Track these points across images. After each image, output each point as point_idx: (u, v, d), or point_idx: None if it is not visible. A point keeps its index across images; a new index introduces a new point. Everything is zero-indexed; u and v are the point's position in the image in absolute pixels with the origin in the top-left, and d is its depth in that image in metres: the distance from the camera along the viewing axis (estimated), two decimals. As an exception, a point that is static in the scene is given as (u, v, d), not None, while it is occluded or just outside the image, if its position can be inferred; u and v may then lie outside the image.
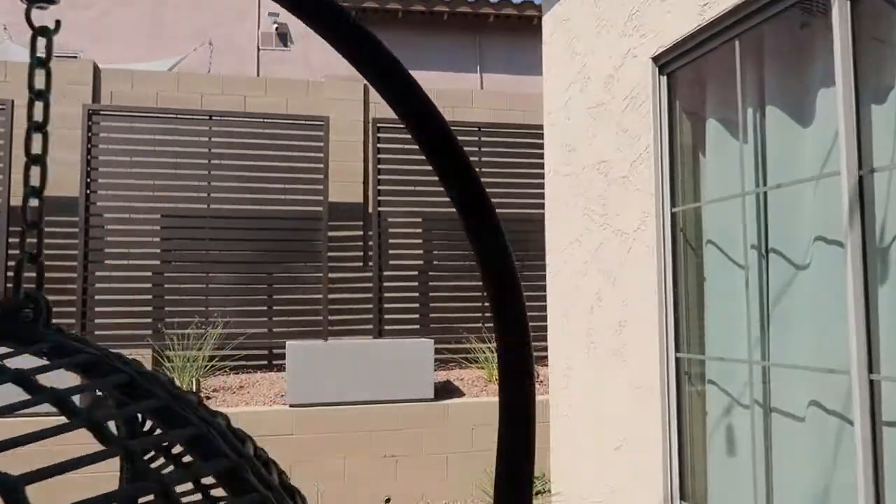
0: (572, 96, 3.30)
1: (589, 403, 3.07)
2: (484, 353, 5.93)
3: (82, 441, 0.48)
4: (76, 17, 8.36)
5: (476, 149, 6.56)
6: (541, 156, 6.62)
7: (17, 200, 5.97)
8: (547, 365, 5.32)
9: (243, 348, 6.11)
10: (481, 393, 5.59)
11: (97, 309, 5.82)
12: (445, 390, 5.60)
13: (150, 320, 5.88)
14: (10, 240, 5.82)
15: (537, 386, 5.78)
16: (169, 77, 6.54)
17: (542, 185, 6.53)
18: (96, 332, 5.77)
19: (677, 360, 2.58)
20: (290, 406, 5.05)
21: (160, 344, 5.67)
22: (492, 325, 5.00)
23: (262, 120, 6.18)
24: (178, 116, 6.08)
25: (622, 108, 2.86)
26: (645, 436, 2.63)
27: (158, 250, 5.97)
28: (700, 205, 2.53)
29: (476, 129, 6.58)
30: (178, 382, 4.89)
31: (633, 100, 2.79)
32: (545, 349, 5.44)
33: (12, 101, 5.76)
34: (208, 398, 5.21)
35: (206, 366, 5.38)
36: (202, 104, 6.51)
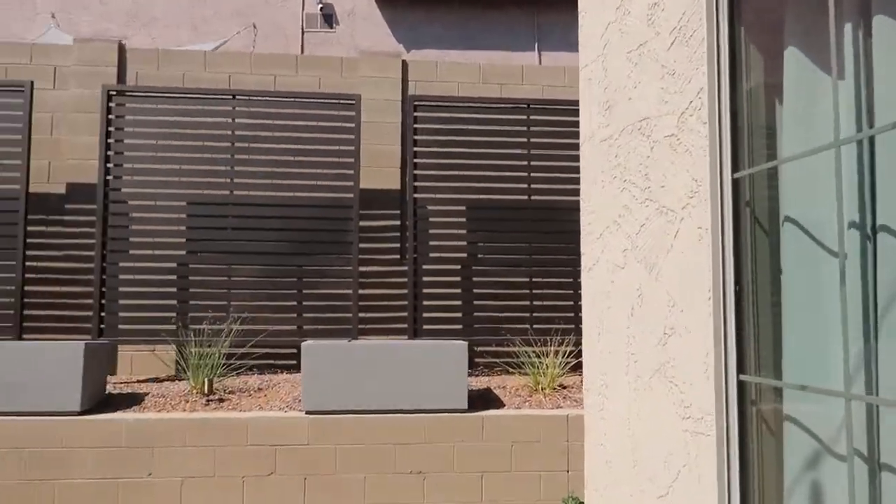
0: (610, 41, 2.58)
1: (628, 434, 2.36)
2: (530, 357, 5.25)
3: None
4: (120, 3, 8.20)
5: (524, 128, 5.86)
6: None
7: (36, 187, 5.73)
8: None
9: (266, 346, 5.65)
10: (524, 404, 4.91)
11: (121, 301, 5.50)
12: (483, 399, 4.95)
13: (173, 314, 5.50)
14: (29, 228, 5.58)
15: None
16: (195, 57, 6.16)
17: None
18: (119, 326, 5.45)
19: (741, 384, 1.85)
20: (307, 412, 4.53)
21: (181, 340, 5.28)
22: (540, 325, 4.33)
23: (288, 99, 5.70)
24: (201, 97, 5.68)
25: (668, 45, 2.14)
26: (697, 486, 1.92)
27: (183, 240, 5.59)
28: (775, 164, 1.79)
29: (524, 105, 5.87)
30: (191, 383, 4.45)
31: (682, 30, 2.06)
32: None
33: (31, 83, 5.50)
34: (221, 401, 4.76)
35: (223, 364, 4.94)
36: (230, 84, 6.10)
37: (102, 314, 5.41)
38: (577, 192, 5.83)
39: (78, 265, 5.81)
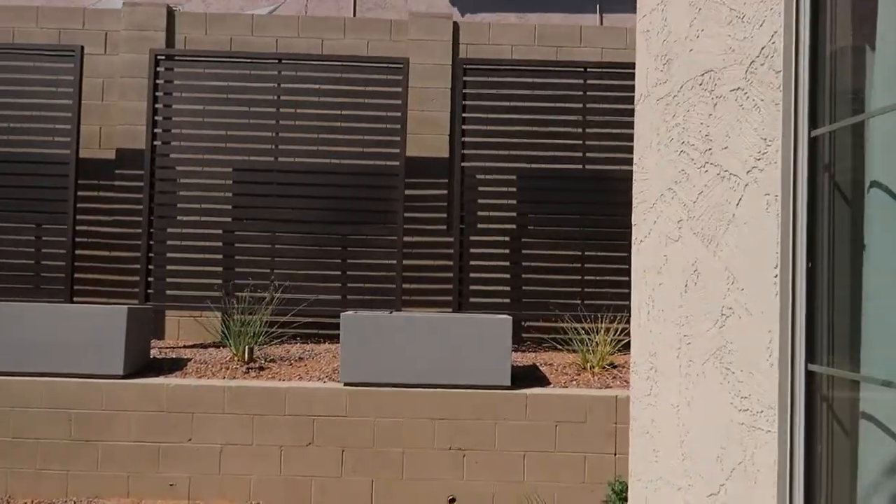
0: (672, -15, 2.30)
1: (677, 423, 2.14)
2: (579, 334, 5.01)
3: None
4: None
5: (580, 93, 5.54)
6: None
7: (87, 152, 5.76)
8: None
9: (309, 315, 5.58)
10: (571, 383, 4.69)
11: (168, 267, 5.51)
12: (528, 377, 4.76)
13: (218, 281, 5.49)
14: (80, 193, 5.63)
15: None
16: (244, 20, 6.06)
17: None
18: (166, 292, 5.47)
19: (810, 375, 1.61)
20: (345, 384, 4.43)
21: (224, 307, 5.26)
22: (591, 301, 4.09)
23: (334, 63, 5.53)
24: (247, 61, 5.57)
25: (738, -18, 1.86)
26: (753, 487, 1.69)
27: (229, 206, 5.54)
28: (862, 119, 1.51)
29: (581, 69, 5.55)
30: (232, 350, 4.41)
31: (756, -36, 1.78)
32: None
33: (81, 48, 5.51)
34: (261, 369, 4.72)
35: (265, 332, 4.89)
36: (278, 48, 5.98)
37: (149, 279, 5.44)
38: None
39: (127, 230, 5.85)
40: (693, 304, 2.09)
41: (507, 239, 5.58)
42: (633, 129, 5.50)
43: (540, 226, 5.57)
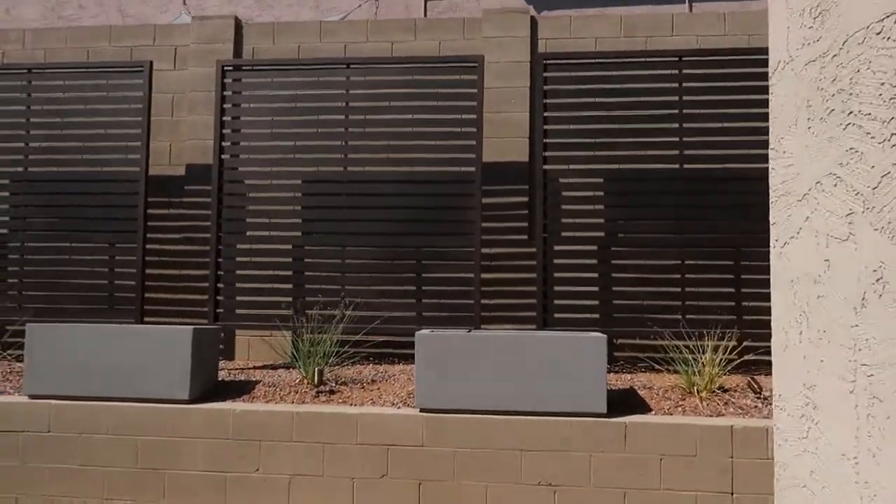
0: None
1: (854, 480, 1.61)
2: (681, 352, 4.44)
3: None
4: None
5: (675, 84, 5.00)
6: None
7: (157, 169, 5.64)
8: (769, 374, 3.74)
9: (382, 334, 5.23)
10: (675, 409, 4.13)
11: (238, 285, 5.29)
12: (625, 402, 4.23)
13: (288, 299, 5.22)
14: (149, 210, 5.50)
15: (758, 404, 4.16)
16: (311, 28, 5.83)
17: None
18: (237, 311, 5.24)
19: None
20: (421, 410, 4.03)
21: (293, 326, 4.97)
22: (694, 316, 3.56)
23: (404, 65, 5.21)
24: (314, 67, 5.32)
25: None
26: None
27: (299, 220, 5.28)
28: None
29: (675, 58, 5.01)
30: (302, 371, 4.10)
31: None
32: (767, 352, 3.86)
33: (150, 63, 5.39)
34: (332, 392, 4.38)
35: (335, 352, 4.56)
36: (346, 54, 5.71)
37: (218, 298, 5.23)
38: (740, 159, 4.91)
39: (197, 248, 5.69)
40: (877, 322, 1.57)
41: (595, 248, 5.07)
42: (735, 121, 4.93)
43: (632, 233, 5.03)
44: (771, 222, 2.06)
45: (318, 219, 5.24)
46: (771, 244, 2.04)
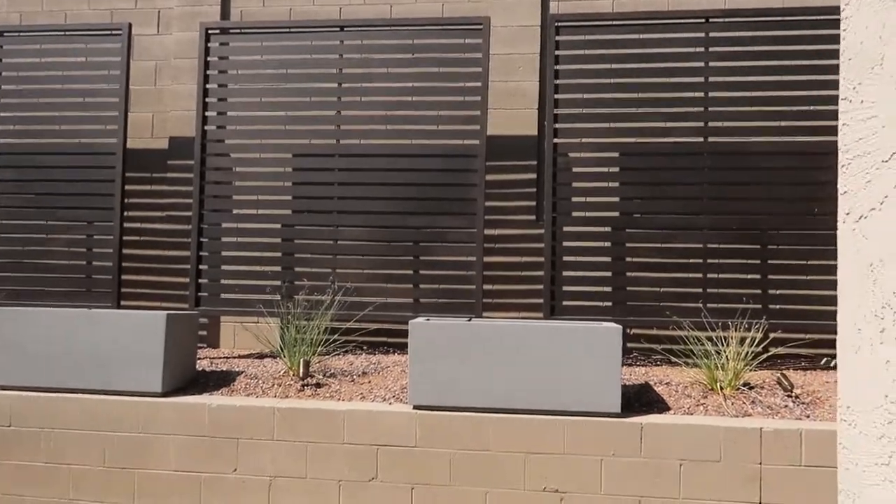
0: None
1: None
2: (702, 344, 4.02)
3: None
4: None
5: (701, 49, 4.53)
6: (825, 53, 4.39)
7: (138, 142, 5.25)
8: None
9: (375, 321, 4.84)
10: (696, 408, 3.72)
11: (223, 268, 4.91)
12: (640, 399, 3.82)
13: (275, 282, 4.83)
14: (128, 187, 5.12)
15: (789, 404, 3.74)
16: (304, -11, 5.39)
17: (830, 101, 4.34)
18: (222, 296, 4.86)
19: None
20: (414, 407, 3.64)
21: (279, 312, 4.58)
22: (717, 305, 3.12)
23: (401, 28, 4.77)
24: (305, 30, 4.89)
25: None
26: None
27: (290, 197, 4.88)
28: None
29: (701, 20, 4.54)
30: (288, 363, 3.72)
31: None
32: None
33: (129, 25, 4.98)
34: (319, 386, 4.00)
35: (323, 340, 4.17)
36: (341, 17, 5.28)
37: (200, 281, 4.85)
38: (772, 132, 4.45)
39: (180, 227, 5.30)
40: None
41: (608, 230, 4.65)
42: (768, 90, 4.46)
43: (649, 213, 4.60)
44: (840, 191, 1.63)
45: (310, 196, 4.83)
46: (840, 219, 1.61)
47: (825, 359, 4.65)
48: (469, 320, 3.95)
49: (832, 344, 4.82)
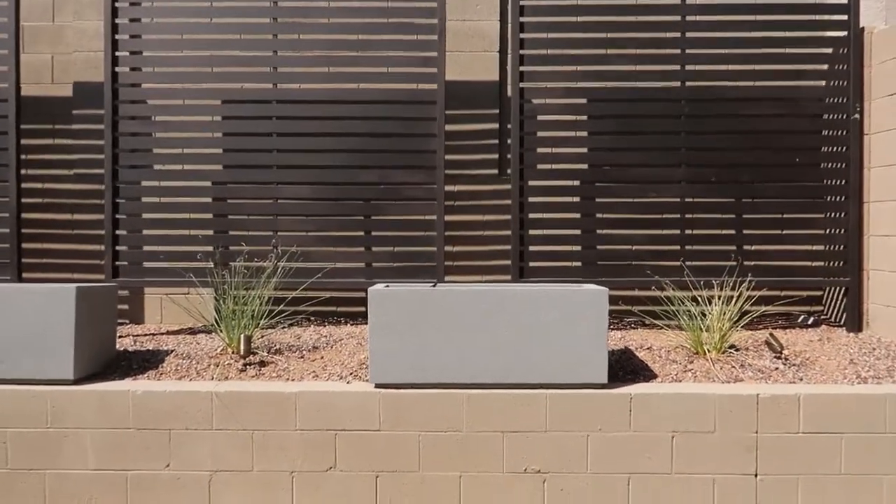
0: None
1: None
2: (684, 304, 3.72)
3: None
4: None
5: (675, -15, 4.15)
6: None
7: (36, 89, 4.51)
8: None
9: (325, 289, 4.34)
10: (684, 374, 3.43)
11: (145, 232, 4.28)
12: (623, 367, 3.49)
13: (209, 248, 4.25)
14: (26, 140, 4.39)
15: (779, 366, 3.49)
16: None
17: (821, 43, 4.01)
18: (144, 265, 4.24)
19: None
20: (377, 386, 3.20)
21: (212, 281, 4.01)
22: (697, 263, 2.69)
23: (347, -46, 4.18)
24: (233, -43, 4.24)
25: None
26: None
27: (220, 150, 4.28)
28: None
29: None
30: (226, 339, 3.17)
31: None
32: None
33: (17, -53, 4.19)
34: (263, 364, 3.49)
35: (266, 312, 3.65)
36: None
37: (118, 248, 4.21)
38: (756, 76, 4.13)
39: (92, 187, 4.61)
40: None
41: (578, 183, 4.27)
42: (755, 30, 4.11)
43: (623, 165, 4.24)
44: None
45: (244, 148, 4.24)
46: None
47: (802, 316, 4.45)
48: (434, 286, 3.51)
49: (809, 301, 4.63)
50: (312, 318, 4.36)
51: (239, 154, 4.24)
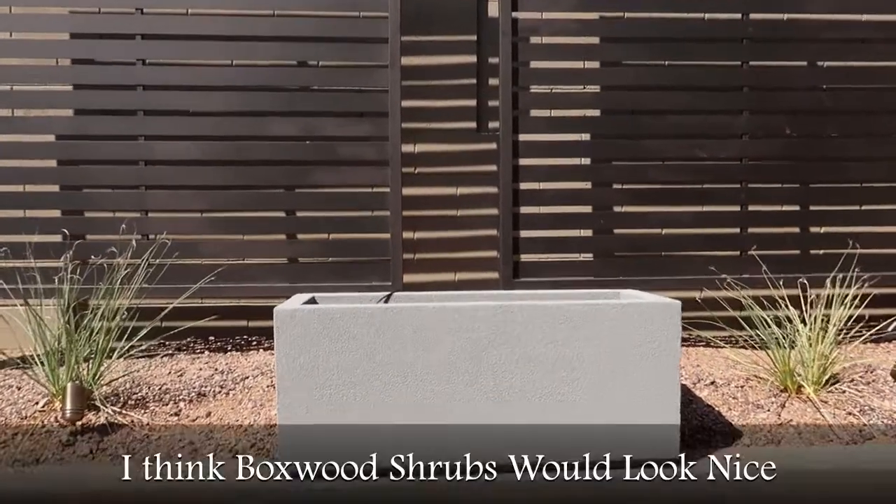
0: None
1: None
2: (752, 310, 2.48)
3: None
4: None
5: None
6: None
7: None
8: None
9: (222, 297, 2.95)
10: (781, 429, 2.19)
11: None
12: (687, 420, 2.23)
13: (54, 238, 2.79)
14: None
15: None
16: None
17: None
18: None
19: None
20: (289, 474, 1.86)
21: (43, 288, 2.54)
22: (765, 252, 1.46)
23: None
24: None
25: None
26: None
27: (70, 87, 2.84)
28: None
29: None
30: (50, 384, 1.77)
31: None
32: None
33: None
34: (113, 427, 2.10)
35: (121, 333, 2.26)
36: None
37: None
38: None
39: None
40: None
41: (588, 140, 2.99)
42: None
43: (655, 111, 2.97)
44: None
45: (101, 84, 2.80)
46: None
47: (894, 325, 3.27)
48: (387, 298, 2.18)
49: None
50: (204, 341, 2.96)
51: (93, 93, 2.81)
